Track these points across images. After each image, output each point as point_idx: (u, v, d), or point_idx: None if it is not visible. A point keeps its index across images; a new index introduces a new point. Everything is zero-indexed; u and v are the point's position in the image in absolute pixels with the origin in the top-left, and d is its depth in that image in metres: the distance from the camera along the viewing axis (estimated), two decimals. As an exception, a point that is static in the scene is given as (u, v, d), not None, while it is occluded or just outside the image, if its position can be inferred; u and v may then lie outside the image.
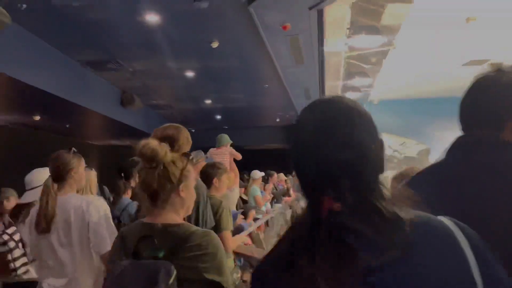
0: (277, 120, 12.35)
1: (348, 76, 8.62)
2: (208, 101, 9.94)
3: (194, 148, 2.31)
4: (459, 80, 10.27)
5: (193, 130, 14.48)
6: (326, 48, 6.09)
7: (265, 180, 7.87)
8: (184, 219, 1.48)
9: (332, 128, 0.71)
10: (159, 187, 1.38)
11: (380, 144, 0.74)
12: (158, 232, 1.35)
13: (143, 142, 1.35)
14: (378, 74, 9.04)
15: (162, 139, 1.44)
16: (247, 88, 8.67)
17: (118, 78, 7.61)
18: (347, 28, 6.04)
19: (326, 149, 0.70)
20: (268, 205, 6.91)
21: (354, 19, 5.96)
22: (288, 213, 7.67)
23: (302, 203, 0.74)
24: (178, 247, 1.31)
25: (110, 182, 3.91)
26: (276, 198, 8.07)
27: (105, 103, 7.96)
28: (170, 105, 10.10)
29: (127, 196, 3.21)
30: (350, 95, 9.85)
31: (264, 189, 7.41)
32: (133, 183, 3.16)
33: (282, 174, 9.31)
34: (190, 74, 7.49)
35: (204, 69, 7.26)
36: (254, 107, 10.61)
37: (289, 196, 8.97)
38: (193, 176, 1.52)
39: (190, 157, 1.49)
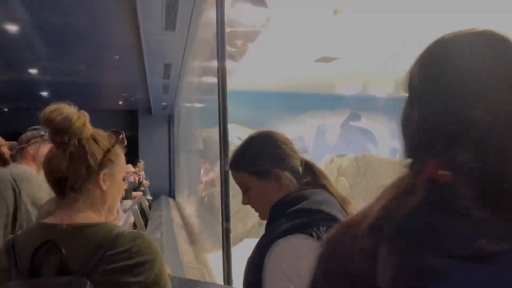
0: (120, 103, 10.72)
1: (212, 56, 7.77)
2: (33, 71, 7.79)
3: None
4: (313, 76, 10.65)
5: (6, 109, 11.68)
6: (205, 16, 5.12)
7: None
8: None
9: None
10: (70, 172, 1.06)
11: None
12: (64, 236, 1.02)
13: (52, 106, 1.06)
14: (242, 59, 8.49)
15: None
16: (91, 57, 7.01)
17: None
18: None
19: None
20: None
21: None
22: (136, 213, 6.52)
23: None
24: (97, 256, 0.98)
25: None
26: (125, 193, 6.75)
27: None
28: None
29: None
30: (208, 80, 9.07)
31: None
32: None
33: (130, 165, 7.99)
34: (12, 28, 5.54)
35: (35, 23, 5.44)
36: (96, 84, 8.83)
37: (140, 190, 7.79)
38: (122, 164, 1.17)
39: (121, 136, 1.17)
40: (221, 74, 3.63)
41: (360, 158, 7.89)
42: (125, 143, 1.20)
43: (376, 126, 13.16)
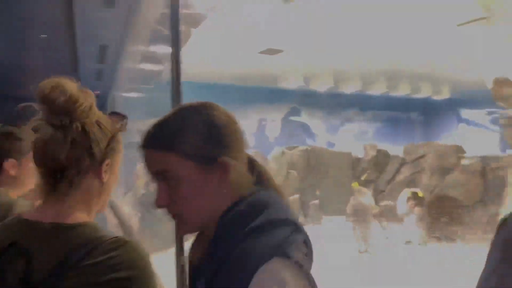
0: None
1: (153, 40, 7.21)
2: None
3: None
4: (256, 68, 10.44)
5: None
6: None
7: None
8: None
9: None
10: (70, 162, 0.91)
11: None
12: (42, 236, 0.88)
13: (51, 81, 0.90)
14: (183, 46, 8.00)
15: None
16: (12, 34, 6.14)
17: None
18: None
19: None
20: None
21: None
22: None
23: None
24: (67, 267, 0.83)
25: None
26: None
27: None
28: None
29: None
30: (147, 67, 8.47)
31: None
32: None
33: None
34: None
35: None
36: (17, 66, 7.84)
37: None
38: (122, 152, 1.04)
39: (125, 120, 1.03)
40: (175, 61, 3.15)
41: (311, 150, 7.84)
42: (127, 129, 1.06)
43: (314, 120, 13.35)
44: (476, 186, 7.06)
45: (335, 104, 13.24)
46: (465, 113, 15.36)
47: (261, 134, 12.20)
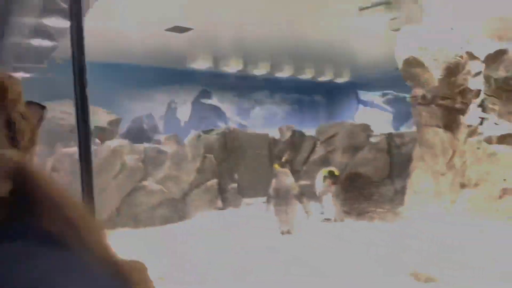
0: None
1: (46, 12, 6.28)
2: None
3: None
4: (161, 47, 9.76)
5: None
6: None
7: None
8: None
9: None
10: None
11: None
12: None
13: None
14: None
15: None
16: None
17: None
18: None
19: None
20: None
21: None
22: None
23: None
24: None
25: None
26: None
27: None
28: None
29: None
30: (37, 42, 7.41)
31: None
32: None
33: None
34: None
35: None
36: None
37: None
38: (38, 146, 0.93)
39: (45, 111, 0.95)
40: (76, 37, 2.60)
41: (228, 133, 7.58)
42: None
43: (225, 103, 13.13)
44: (384, 162, 7.52)
45: (245, 86, 13.15)
46: (363, 95, 16.42)
47: (171, 118, 11.64)
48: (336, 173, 6.36)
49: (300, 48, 10.27)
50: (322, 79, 14.35)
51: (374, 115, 15.47)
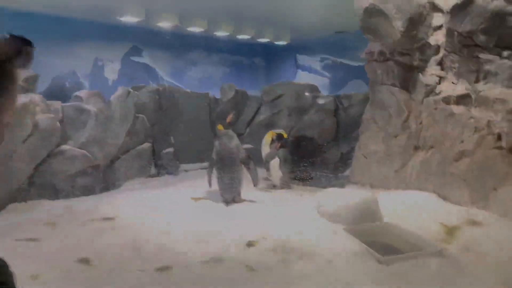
0: None
1: None
2: None
3: None
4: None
5: None
6: None
7: None
8: None
9: None
10: None
11: None
12: None
13: None
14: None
15: None
16: None
17: None
18: None
19: None
20: None
21: None
22: None
23: None
24: None
25: None
26: None
27: None
28: None
29: None
30: None
31: None
32: None
33: None
34: None
35: None
36: None
37: None
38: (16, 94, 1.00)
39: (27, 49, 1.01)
40: None
41: (162, 90, 6.70)
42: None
43: (158, 62, 12.09)
44: (331, 125, 7.16)
45: (180, 45, 12.17)
46: (302, 58, 16.10)
47: (97, 76, 10.39)
48: (285, 135, 5.88)
49: (240, 6, 9.50)
50: (261, 40, 13.74)
51: (312, 80, 15.27)
